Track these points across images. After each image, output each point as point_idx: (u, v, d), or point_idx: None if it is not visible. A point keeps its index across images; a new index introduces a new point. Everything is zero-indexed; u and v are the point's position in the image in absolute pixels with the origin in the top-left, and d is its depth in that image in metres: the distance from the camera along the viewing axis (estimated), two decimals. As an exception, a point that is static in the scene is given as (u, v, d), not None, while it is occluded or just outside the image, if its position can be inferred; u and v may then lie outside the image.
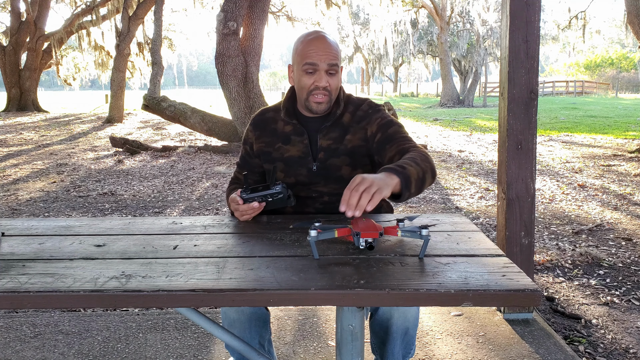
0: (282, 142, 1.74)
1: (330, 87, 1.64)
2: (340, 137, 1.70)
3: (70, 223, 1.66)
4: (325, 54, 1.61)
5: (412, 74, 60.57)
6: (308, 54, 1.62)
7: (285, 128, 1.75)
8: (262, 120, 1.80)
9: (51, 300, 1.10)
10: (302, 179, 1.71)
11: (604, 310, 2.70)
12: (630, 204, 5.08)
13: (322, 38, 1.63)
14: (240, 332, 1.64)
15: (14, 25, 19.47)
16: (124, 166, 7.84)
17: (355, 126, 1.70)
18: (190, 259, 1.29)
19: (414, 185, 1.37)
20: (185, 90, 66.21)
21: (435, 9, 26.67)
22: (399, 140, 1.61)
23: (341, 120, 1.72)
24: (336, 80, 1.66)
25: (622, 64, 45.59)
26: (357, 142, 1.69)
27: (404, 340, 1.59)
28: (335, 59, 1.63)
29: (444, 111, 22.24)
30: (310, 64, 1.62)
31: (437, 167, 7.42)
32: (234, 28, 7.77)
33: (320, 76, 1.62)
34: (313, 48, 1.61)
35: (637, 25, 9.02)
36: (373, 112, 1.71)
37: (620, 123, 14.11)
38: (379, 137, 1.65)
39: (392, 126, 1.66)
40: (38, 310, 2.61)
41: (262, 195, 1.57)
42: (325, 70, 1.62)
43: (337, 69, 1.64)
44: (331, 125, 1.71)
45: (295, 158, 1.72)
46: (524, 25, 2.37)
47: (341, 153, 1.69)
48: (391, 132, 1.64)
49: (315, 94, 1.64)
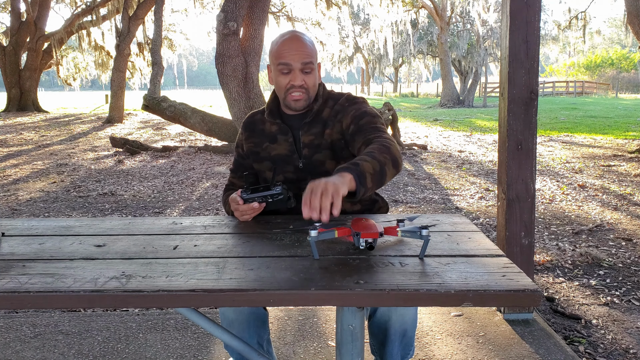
0: (269, 142, 1.78)
1: (306, 84, 1.67)
2: (321, 132, 1.73)
3: (70, 223, 1.66)
4: (298, 53, 1.64)
5: (412, 74, 60.59)
6: (282, 54, 1.65)
7: (271, 128, 1.78)
8: (251, 122, 1.84)
9: (51, 300, 1.10)
10: (290, 176, 1.74)
11: (604, 310, 2.70)
12: (630, 204, 5.08)
13: (295, 38, 1.66)
14: (239, 332, 1.64)
15: (14, 25, 19.47)
16: (124, 166, 7.84)
17: (333, 120, 1.72)
18: (190, 259, 1.29)
19: (370, 179, 1.34)
20: (186, 91, 66.23)
21: (436, 9, 26.66)
22: (367, 130, 1.60)
23: (321, 116, 1.74)
24: (312, 78, 1.68)
25: (622, 64, 45.57)
26: (335, 135, 1.71)
27: (402, 342, 1.60)
28: (309, 57, 1.65)
29: (444, 111, 22.24)
30: (284, 64, 1.65)
31: (437, 167, 7.43)
32: (234, 28, 7.77)
33: (295, 75, 1.65)
34: (286, 48, 1.65)
35: (637, 25, 9.02)
36: (349, 105, 1.72)
37: (621, 123, 14.11)
38: (352, 129, 1.66)
39: (364, 117, 1.65)
40: (38, 311, 2.61)
41: (262, 195, 1.58)
42: (300, 69, 1.65)
43: (312, 66, 1.67)
44: (311, 122, 1.73)
45: (282, 156, 1.75)
46: (524, 25, 2.38)
47: (323, 148, 1.72)
48: (363, 123, 1.64)
49: (291, 92, 1.67)
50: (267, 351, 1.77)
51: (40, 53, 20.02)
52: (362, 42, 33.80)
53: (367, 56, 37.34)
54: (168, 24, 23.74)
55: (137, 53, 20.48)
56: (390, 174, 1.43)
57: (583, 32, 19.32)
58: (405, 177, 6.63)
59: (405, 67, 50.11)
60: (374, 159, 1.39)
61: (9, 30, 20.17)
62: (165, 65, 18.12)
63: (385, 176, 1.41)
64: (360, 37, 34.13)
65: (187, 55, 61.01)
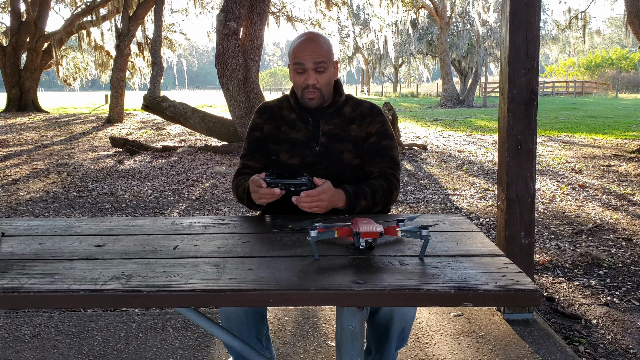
0: (287, 126, 1.84)
1: (319, 83, 1.76)
2: (343, 124, 1.82)
3: (70, 223, 1.66)
4: (311, 53, 1.73)
5: (412, 74, 60.59)
6: (296, 54, 1.76)
7: (290, 115, 1.86)
8: (267, 107, 1.92)
9: (51, 300, 1.10)
10: (307, 159, 1.80)
11: (604, 310, 2.70)
12: (630, 204, 5.08)
13: (311, 39, 1.76)
14: (237, 325, 1.66)
15: (14, 25, 19.47)
16: (124, 166, 7.84)
17: (360, 120, 1.83)
18: (190, 259, 1.29)
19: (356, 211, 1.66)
20: (186, 91, 66.23)
21: (435, 9, 26.66)
22: (386, 160, 1.80)
23: (342, 111, 1.85)
24: (326, 77, 1.77)
25: (622, 64, 45.55)
26: (360, 133, 1.82)
27: (399, 337, 1.65)
28: (321, 57, 1.74)
29: (444, 111, 22.24)
30: (298, 64, 1.75)
31: (437, 167, 7.43)
32: (234, 28, 7.77)
33: (309, 75, 1.75)
34: (300, 49, 1.75)
35: (637, 25, 9.02)
36: (377, 114, 1.86)
37: (620, 123, 14.11)
38: (373, 141, 1.82)
39: (386, 138, 1.82)
40: (38, 311, 2.61)
41: (287, 183, 1.56)
42: (313, 69, 1.74)
43: (325, 65, 1.75)
44: (333, 113, 1.83)
45: (299, 141, 1.82)
46: (524, 25, 2.37)
47: (344, 139, 1.80)
48: (384, 145, 1.81)
49: (306, 91, 1.77)
50: (266, 347, 1.78)
51: (40, 53, 20.01)
52: (362, 42, 33.79)
53: (367, 56, 37.33)
54: (168, 24, 23.73)
55: (137, 53, 20.47)
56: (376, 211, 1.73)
57: (583, 32, 19.32)
58: (405, 177, 6.63)
59: (405, 67, 50.12)
60: (373, 200, 1.69)
61: (9, 30, 20.16)
62: (165, 65, 18.12)
63: (371, 212, 1.71)
64: (360, 37, 34.12)
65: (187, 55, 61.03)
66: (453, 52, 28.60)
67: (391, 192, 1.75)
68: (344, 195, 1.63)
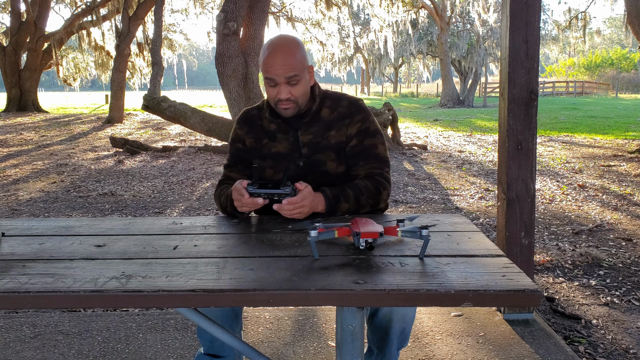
0: (269, 139, 1.80)
1: (293, 96, 1.68)
2: (321, 131, 1.76)
3: (70, 223, 1.66)
4: (282, 67, 1.63)
5: (412, 74, 60.59)
6: (267, 68, 1.66)
7: (270, 126, 1.80)
8: (248, 117, 1.85)
9: (51, 300, 1.10)
10: (291, 173, 1.75)
11: (604, 310, 2.70)
12: (630, 204, 5.08)
13: (279, 51, 1.65)
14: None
15: (14, 25, 19.46)
16: (124, 166, 7.84)
17: (339, 123, 1.76)
18: (190, 259, 1.29)
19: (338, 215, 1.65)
20: (186, 91, 66.20)
21: (436, 9, 26.66)
22: (371, 159, 1.74)
23: (319, 115, 1.77)
24: (300, 88, 1.69)
25: (622, 64, 45.55)
26: (340, 138, 1.76)
27: (400, 337, 1.64)
28: (293, 71, 1.64)
29: (444, 111, 22.24)
30: (269, 79, 1.67)
31: (437, 167, 7.43)
32: (234, 28, 7.77)
33: (281, 89, 1.67)
34: (270, 62, 1.65)
35: (637, 25, 9.02)
36: (356, 112, 1.77)
37: (620, 123, 14.11)
38: (354, 144, 1.75)
39: (368, 137, 1.75)
40: (38, 311, 2.61)
41: (270, 193, 1.55)
42: (285, 83, 1.66)
43: (299, 78, 1.66)
44: (310, 121, 1.76)
45: (282, 154, 1.77)
46: (524, 25, 2.37)
47: (325, 148, 1.75)
48: (367, 145, 1.74)
49: (279, 103, 1.70)
50: None
51: (40, 53, 20.01)
52: (362, 42, 33.79)
53: (367, 56, 37.33)
54: (168, 24, 23.74)
55: (137, 53, 20.46)
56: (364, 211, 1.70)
57: (583, 32, 19.31)
58: (405, 177, 6.63)
59: (405, 67, 50.11)
60: (356, 202, 1.66)
61: (9, 30, 20.16)
62: (165, 65, 18.12)
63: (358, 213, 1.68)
64: (360, 37, 34.12)
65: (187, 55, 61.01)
66: (453, 52, 28.60)
67: (379, 193, 1.71)
68: (323, 199, 1.61)
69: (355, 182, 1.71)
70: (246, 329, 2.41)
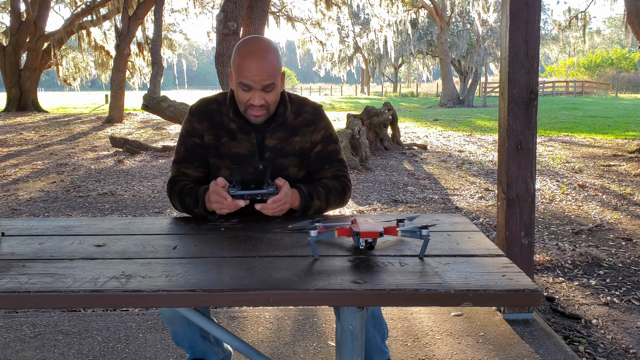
0: (228, 138, 1.73)
1: (266, 102, 1.65)
2: (287, 137, 1.74)
3: (70, 223, 1.66)
4: (259, 74, 1.58)
5: (412, 74, 60.60)
6: (242, 73, 1.59)
7: (230, 124, 1.74)
8: (207, 112, 1.76)
9: (51, 300, 1.10)
10: (249, 177, 1.71)
11: (604, 310, 2.70)
12: (630, 204, 5.08)
13: (257, 54, 1.58)
14: (181, 328, 1.67)
15: (14, 25, 19.46)
16: (124, 166, 7.84)
17: (303, 129, 1.76)
18: (190, 259, 1.29)
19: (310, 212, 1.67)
20: (186, 91, 66.23)
21: (435, 9, 26.66)
22: (336, 163, 1.79)
23: (285, 121, 1.75)
24: (274, 94, 1.65)
25: (622, 64, 45.57)
26: (304, 144, 1.76)
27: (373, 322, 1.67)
28: (270, 79, 1.60)
29: (444, 111, 22.24)
30: (244, 84, 1.61)
31: (437, 167, 7.42)
32: (234, 28, 7.77)
33: (255, 95, 1.62)
34: (247, 67, 1.58)
35: (637, 25, 9.02)
36: (319, 119, 1.79)
37: (620, 123, 14.11)
38: (318, 149, 1.78)
39: (331, 143, 1.79)
40: (38, 310, 2.61)
41: (254, 194, 1.52)
42: (261, 89, 1.61)
43: (274, 85, 1.63)
44: (277, 126, 1.74)
45: (241, 155, 1.72)
46: (524, 25, 2.37)
47: (288, 153, 1.73)
48: (331, 151, 1.79)
49: (251, 109, 1.65)
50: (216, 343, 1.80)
51: (40, 53, 20.01)
52: (362, 42, 33.79)
53: (367, 56, 37.35)
54: (168, 23, 23.73)
55: (137, 53, 20.47)
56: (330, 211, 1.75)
57: (583, 32, 19.33)
58: (405, 177, 6.63)
59: (405, 67, 50.11)
60: (326, 201, 1.69)
61: (9, 30, 20.15)
62: (165, 65, 18.12)
63: (325, 212, 1.72)
64: (360, 37, 34.13)
65: (187, 55, 60.98)
66: (453, 52, 28.61)
67: (344, 193, 1.76)
68: (299, 195, 1.63)
69: (323, 182, 1.73)
70: (246, 329, 2.41)
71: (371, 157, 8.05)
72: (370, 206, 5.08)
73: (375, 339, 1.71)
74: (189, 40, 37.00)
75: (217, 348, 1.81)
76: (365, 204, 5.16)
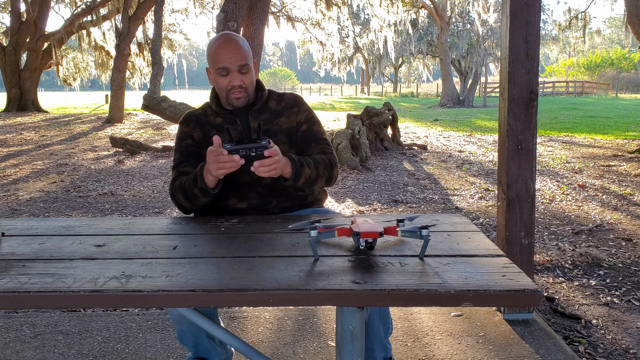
0: (217, 131, 1.84)
1: (244, 84, 1.80)
2: (271, 119, 1.85)
3: (70, 223, 1.66)
4: (234, 56, 1.76)
5: (412, 74, 60.61)
6: (219, 58, 1.76)
7: (216, 120, 1.87)
8: (192, 116, 1.91)
9: (51, 300, 1.10)
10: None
11: (604, 310, 2.70)
12: (630, 204, 5.08)
13: (230, 41, 1.78)
14: (189, 326, 1.70)
15: (14, 25, 19.46)
16: (124, 166, 7.84)
17: (288, 111, 1.89)
18: (190, 259, 1.29)
19: (302, 181, 1.71)
20: (186, 91, 66.22)
21: (436, 9, 26.66)
22: (321, 142, 1.87)
23: (268, 106, 1.89)
24: (249, 77, 1.81)
25: (622, 64, 45.57)
26: (291, 124, 1.88)
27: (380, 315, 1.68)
28: (245, 60, 1.78)
29: (444, 111, 22.23)
30: (222, 68, 1.77)
31: (437, 167, 7.42)
32: (234, 28, 7.77)
33: (234, 76, 1.78)
34: (222, 52, 1.76)
35: (637, 25, 9.02)
36: (301, 103, 1.93)
37: (620, 123, 14.11)
38: (304, 128, 1.88)
39: (315, 124, 1.91)
40: (38, 311, 2.61)
41: (249, 147, 1.52)
42: (237, 71, 1.77)
43: (248, 67, 1.79)
44: (259, 109, 1.87)
45: None
46: (524, 25, 2.37)
47: (276, 132, 1.83)
48: (315, 131, 1.89)
49: (232, 92, 1.80)
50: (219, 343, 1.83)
51: (40, 53, 20.00)
52: (362, 42, 33.79)
53: (367, 56, 37.35)
54: (168, 24, 23.74)
55: (137, 53, 20.46)
56: (319, 184, 1.79)
57: (583, 32, 19.33)
58: (405, 177, 6.63)
59: (405, 67, 50.12)
60: (316, 170, 1.74)
61: (9, 30, 20.15)
62: (165, 65, 18.11)
63: (315, 184, 1.77)
64: (360, 37, 34.12)
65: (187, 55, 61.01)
66: (453, 52, 28.61)
67: (332, 167, 1.81)
68: (290, 162, 1.67)
69: (312, 155, 1.81)
70: (246, 329, 2.41)
71: (371, 157, 8.05)
72: (371, 206, 5.08)
73: (379, 331, 1.71)
74: (189, 40, 37.02)
75: (220, 349, 1.82)
76: (366, 204, 5.16)
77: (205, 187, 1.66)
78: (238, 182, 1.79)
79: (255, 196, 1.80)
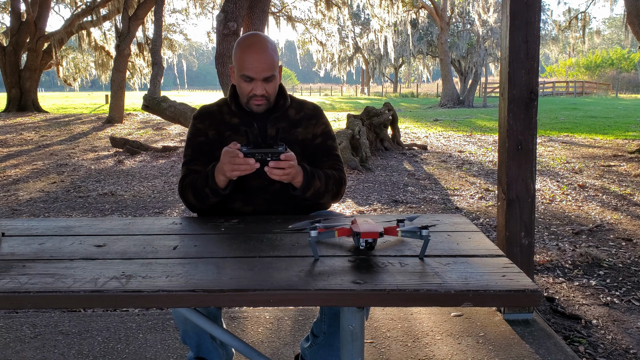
0: (232, 132, 1.81)
1: (267, 93, 1.75)
2: (289, 128, 1.82)
3: (70, 223, 1.66)
4: (260, 65, 1.70)
5: (412, 74, 60.62)
6: (244, 65, 1.71)
7: (232, 120, 1.83)
8: (207, 112, 1.87)
9: (51, 300, 1.10)
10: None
11: (604, 310, 2.70)
12: (630, 204, 5.08)
13: (258, 48, 1.70)
14: (193, 327, 1.69)
15: (14, 25, 19.45)
16: (124, 166, 7.84)
17: (306, 122, 1.85)
18: (190, 259, 1.29)
19: (310, 193, 1.69)
20: (186, 91, 66.21)
21: (436, 9, 26.67)
22: (333, 158, 1.85)
23: (287, 114, 1.84)
24: (274, 85, 1.76)
25: (622, 64, 45.57)
26: (307, 135, 1.84)
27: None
28: (270, 71, 1.72)
29: (444, 111, 22.23)
30: (247, 76, 1.72)
31: (437, 167, 7.42)
32: (234, 28, 7.77)
33: (257, 85, 1.72)
34: (249, 59, 1.69)
35: (637, 25, 9.02)
36: (320, 116, 1.89)
37: (620, 123, 14.11)
38: (319, 142, 1.85)
39: (330, 139, 1.88)
40: (38, 311, 2.61)
41: (265, 152, 1.52)
42: (262, 80, 1.72)
43: (274, 77, 1.74)
44: (278, 117, 1.82)
45: None
46: (524, 25, 2.38)
47: (292, 143, 1.80)
48: (329, 145, 1.86)
49: (253, 99, 1.76)
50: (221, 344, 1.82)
51: (40, 53, 20.00)
52: (362, 43, 33.80)
53: (367, 56, 37.35)
54: (168, 24, 23.74)
55: (137, 53, 20.46)
56: (326, 199, 1.78)
57: (583, 32, 19.33)
58: (405, 177, 6.63)
59: (405, 67, 50.14)
60: (326, 185, 1.73)
61: (9, 30, 20.15)
62: (165, 66, 18.12)
63: (322, 199, 1.76)
64: (360, 37, 34.13)
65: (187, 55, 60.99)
66: (453, 52, 28.61)
67: (341, 184, 1.80)
68: (302, 171, 1.65)
69: (323, 169, 1.78)
70: (246, 329, 2.41)
71: (371, 157, 8.05)
72: (371, 206, 5.08)
73: None
74: (189, 40, 37.02)
75: (222, 350, 1.81)
76: (366, 204, 5.16)
77: (216, 187, 1.65)
78: (247, 186, 1.76)
79: (262, 202, 1.78)
